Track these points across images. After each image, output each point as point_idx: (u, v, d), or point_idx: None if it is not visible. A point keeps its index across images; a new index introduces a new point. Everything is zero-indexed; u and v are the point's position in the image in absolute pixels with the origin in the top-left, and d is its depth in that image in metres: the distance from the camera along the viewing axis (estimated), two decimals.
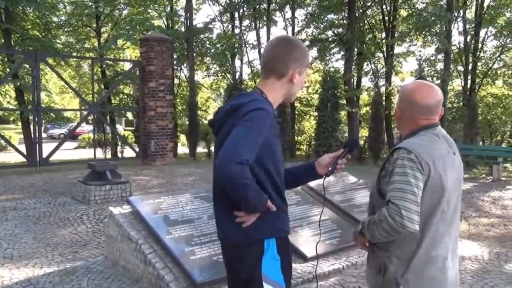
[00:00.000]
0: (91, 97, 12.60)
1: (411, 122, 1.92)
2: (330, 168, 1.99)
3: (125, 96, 20.34)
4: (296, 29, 19.05)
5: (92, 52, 18.95)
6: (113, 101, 19.26)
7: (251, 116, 1.70)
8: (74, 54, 18.07)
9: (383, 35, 19.03)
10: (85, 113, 13.37)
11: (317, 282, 3.65)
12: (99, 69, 18.80)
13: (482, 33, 17.90)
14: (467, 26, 17.62)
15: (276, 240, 1.81)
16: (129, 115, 32.82)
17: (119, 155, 15.11)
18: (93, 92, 13.33)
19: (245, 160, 1.61)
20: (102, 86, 18.81)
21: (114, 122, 20.20)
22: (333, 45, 18.95)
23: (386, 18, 18.45)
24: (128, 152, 14.12)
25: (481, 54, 18.25)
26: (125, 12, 19.66)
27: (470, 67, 17.59)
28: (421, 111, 1.89)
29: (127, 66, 19.81)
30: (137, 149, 12.61)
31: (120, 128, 28.64)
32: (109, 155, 14.76)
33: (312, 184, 5.05)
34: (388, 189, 1.75)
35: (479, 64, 18.28)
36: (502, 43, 17.90)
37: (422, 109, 1.89)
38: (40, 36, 17.16)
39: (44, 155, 10.49)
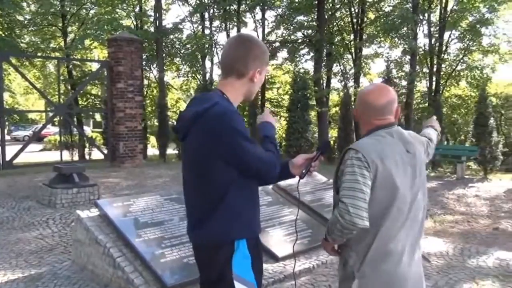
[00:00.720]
0: (57, 98, 12.26)
1: (367, 123, 2.00)
2: (304, 171, 2.02)
3: (93, 97, 19.93)
4: (266, 31, 19.16)
5: (58, 52, 18.47)
6: (80, 102, 18.83)
7: (228, 125, 1.72)
8: (39, 54, 17.57)
9: (352, 37, 19.36)
10: (50, 114, 13.02)
11: (295, 281, 3.67)
12: (66, 70, 18.35)
13: (446, 35, 18.47)
14: (432, 29, 18.14)
15: (246, 239, 1.82)
16: (97, 116, 32.19)
17: (87, 157, 14.78)
18: (59, 93, 12.98)
19: (265, 158, 1.82)
20: (69, 87, 18.37)
21: (82, 123, 19.75)
22: (302, 47, 19.16)
23: (355, 20, 18.78)
24: (96, 154, 13.83)
25: (445, 56, 18.82)
26: (92, 11, 19.25)
27: (435, 69, 18.11)
28: (374, 112, 1.97)
29: (95, 66, 19.42)
30: (105, 151, 12.37)
31: (88, 130, 28.01)
32: (76, 158, 14.42)
33: (283, 184, 5.09)
34: (340, 189, 1.83)
35: (443, 66, 18.85)
36: (465, 45, 18.52)
37: (374, 109, 1.96)
38: (3, 35, 16.60)
39: (8, 158, 10.17)
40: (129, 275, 3.37)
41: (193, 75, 20.17)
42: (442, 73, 18.66)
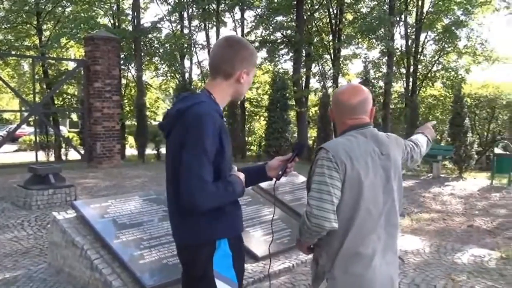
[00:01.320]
0: (33, 97, 12.00)
1: (341, 123, 2.00)
2: (280, 172, 2.05)
3: (70, 97, 19.58)
4: (246, 30, 19.16)
5: (33, 50, 18.07)
6: (56, 102, 18.47)
7: (193, 127, 1.72)
8: (13, 52, 17.15)
9: (330, 37, 19.53)
10: (25, 114, 12.73)
11: (270, 282, 3.69)
12: (41, 69, 17.97)
13: (422, 37, 18.83)
14: (408, 30, 18.46)
15: (228, 238, 1.84)
16: (74, 116, 31.62)
17: (63, 158, 14.51)
18: (35, 93, 12.71)
19: (205, 182, 1.69)
20: (45, 86, 17.99)
21: (58, 123, 19.37)
22: (282, 47, 19.23)
23: (333, 21, 18.95)
24: (73, 155, 13.61)
25: (422, 57, 19.17)
26: (68, 9, 18.90)
27: (411, 70, 18.43)
28: (347, 111, 1.97)
29: (71, 65, 19.07)
30: (82, 152, 12.18)
31: (64, 130, 27.48)
32: (52, 158, 14.16)
33: (263, 184, 5.10)
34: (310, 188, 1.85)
35: (419, 66, 19.20)
36: (441, 47, 18.90)
37: (347, 109, 1.96)
38: None
39: None
40: (107, 277, 3.33)
41: (172, 74, 20.03)
42: (418, 73, 19.00)
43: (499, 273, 4.14)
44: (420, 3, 17.97)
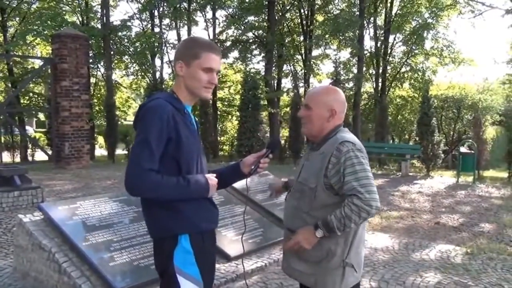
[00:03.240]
0: None
1: (338, 118, 2.13)
2: (253, 167, 2.08)
3: (36, 96, 19.02)
4: (217, 30, 19.10)
5: None
6: (22, 101, 17.90)
7: (142, 120, 1.79)
8: None
9: (302, 38, 19.69)
10: None
11: (246, 280, 3.69)
12: (6, 67, 17.39)
13: (391, 39, 19.22)
14: (378, 32, 18.82)
15: (189, 234, 1.85)
16: (41, 116, 30.77)
17: (30, 158, 14.11)
18: None
19: (143, 169, 1.73)
20: (10, 85, 17.42)
21: (24, 123, 18.81)
22: (254, 47, 19.26)
23: (304, 22, 19.12)
24: (40, 155, 13.25)
25: (390, 59, 19.58)
26: (34, 6, 18.36)
27: (380, 71, 18.80)
28: (343, 109, 2.17)
29: (37, 63, 18.54)
30: (50, 152, 11.86)
31: (31, 130, 26.72)
32: (18, 159, 13.74)
33: (236, 184, 5.09)
34: (350, 180, 1.90)
35: (388, 68, 19.60)
36: (409, 49, 19.35)
37: (344, 107, 2.17)
38: None
39: None
40: (76, 281, 3.25)
41: (143, 73, 19.76)
42: (387, 74, 19.40)
43: (465, 268, 4.27)
44: (389, 5, 18.35)
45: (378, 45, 18.80)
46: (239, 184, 5.12)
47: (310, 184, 2.03)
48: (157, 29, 18.62)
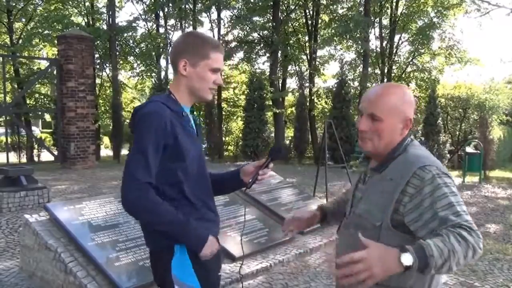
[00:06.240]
0: (3, 97, 11.68)
1: (408, 125, 1.60)
2: (250, 180, 1.90)
3: (42, 97, 19.12)
4: (223, 30, 19.11)
5: (3, 49, 17.57)
6: (28, 102, 18.00)
7: (137, 127, 1.69)
8: None
9: (307, 38, 19.66)
10: None
11: (242, 283, 3.69)
12: (12, 68, 17.49)
13: (396, 38, 19.15)
14: (383, 32, 18.75)
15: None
16: (47, 116, 30.92)
17: (36, 159, 14.19)
18: (5, 92, 12.38)
19: (137, 180, 1.61)
20: (16, 86, 17.53)
21: (30, 124, 18.90)
22: (259, 47, 19.25)
23: (310, 22, 19.08)
24: (46, 156, 13.30)
25: (396, 58, 19.51)
26: (40, 7, 18.44)
27: (386, 71, 18.73)
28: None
29: (43, 64, 18.63)
30: (55, 152, 11.92)
31: (37, 130, 26.86)
32: (24, 159, 13.82)
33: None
34: (447, 213, 1.35)
35: (394, 67, 19.53)
36: (415, 48, 19.27)
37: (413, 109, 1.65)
38: None
39: None
40: (81, 280, 3.27)
41: (148, 74, 19.82)
42: (393, 74, 19.33)
43: (471, 269, 4.25)
44: (394, 4, 18.29)
45: (384, 44, 18.74)
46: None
47: (375, 221, 1.49)
48: (162, 30, 18.66)
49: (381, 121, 1.54)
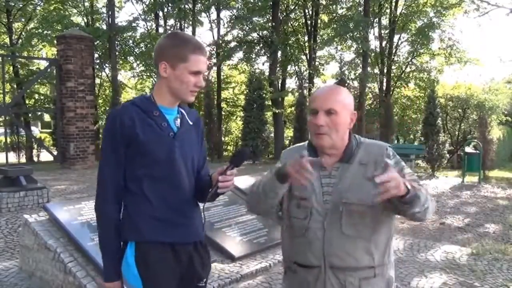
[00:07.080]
0: (2, 97, 11.69)
1: (353, 122, 1.84)
2: (211, 190, 1.78)
3: (42, 97, 19.12)
4: (222, 31, 19.11)
5: (2, 49, 17.57)
6: (28, 102, 18.00)
7: (104, 132, 1.82)
8: None
9: (306, 38, 19.67)
10: None
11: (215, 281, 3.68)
12: (11, 68, 17.49)
13: (395, 38, 19.16)
14: (382, 32, 18.76)
15: (135, 242, 1.74)
16: (46, 116, 30.92)
17: (35, 159, 14.19)
18: (4, 92, 12.36)
19: (108, 192, 1.76)
20: (15, 86, 17.52)
21: (29, 124, 18.91)
22: (258, 48, 19.26)
23: (309, 22, 19.08)
24: (45, 156, 13.31)
25: (395, 58, 19.52)
26: (39, 7, 18.43)
27: (385, 70, 18.74)
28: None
29: (43, 64, 18.63)
30: (55, 153, 11.92)
31: (36, 131, 26.85)
32: (23, 159, 13.82)
33: (240, 185, 5.09)
34: (413, 178, 1.68)
35: (393, 67, 19.54)
36: (414, 48, 19.28)
37: None
38: None
39: None
40: (81, 280, 3.26)
41: (148, 74, 19.81)
42: (392, 74, 19.34)
43: (470, 269, 4.25)
44: (394, 4, 18.29)
45: (383, 44, 18.75)
46: (243, 185, 5.14)
47: (370, 201, 1.60)
48: (161, 30, 18.66)
49: (337, 115, 1.69)
